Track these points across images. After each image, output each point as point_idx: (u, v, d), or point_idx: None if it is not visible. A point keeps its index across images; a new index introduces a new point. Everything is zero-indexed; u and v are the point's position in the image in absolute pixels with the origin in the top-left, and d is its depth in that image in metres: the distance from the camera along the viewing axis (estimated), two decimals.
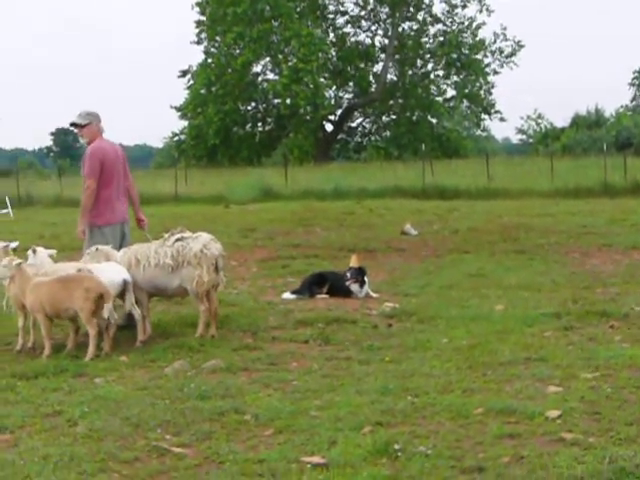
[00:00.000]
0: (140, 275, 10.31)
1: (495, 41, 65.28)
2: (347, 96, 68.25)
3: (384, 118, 68.29)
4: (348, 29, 67.02)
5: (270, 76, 64.21)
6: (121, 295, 10.11)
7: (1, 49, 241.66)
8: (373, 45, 66.41)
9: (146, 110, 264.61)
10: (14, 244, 10.84)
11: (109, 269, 10.09)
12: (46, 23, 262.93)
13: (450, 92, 66.96)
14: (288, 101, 59.62)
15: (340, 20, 67.03)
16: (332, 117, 66.23)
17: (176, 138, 67.36)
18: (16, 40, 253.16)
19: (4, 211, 33.50)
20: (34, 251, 10.53)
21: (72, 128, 11.62)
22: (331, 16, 66.79)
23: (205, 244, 10.34)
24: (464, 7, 65.13)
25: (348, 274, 13.15)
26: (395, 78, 66.21)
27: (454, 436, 6.43)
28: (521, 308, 11.39)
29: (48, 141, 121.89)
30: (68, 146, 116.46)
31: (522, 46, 65.43)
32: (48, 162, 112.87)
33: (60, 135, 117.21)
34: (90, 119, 11.26)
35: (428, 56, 65.77)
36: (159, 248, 10.44)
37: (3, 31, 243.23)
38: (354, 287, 13.06)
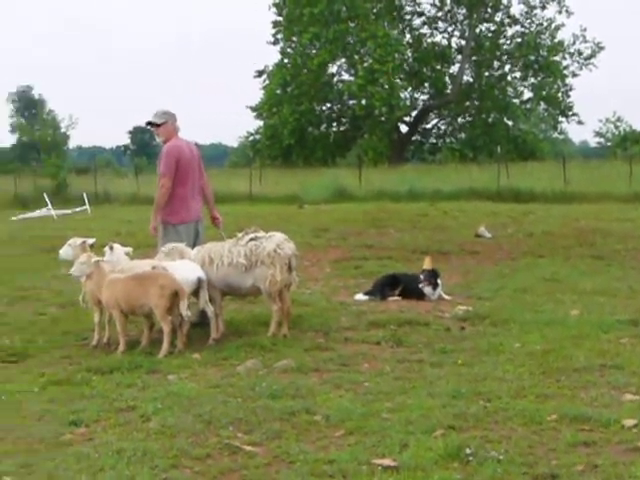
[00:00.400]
0: (214, 274, 10.37)
1: (574, 43, 64.43)
2: (422, 97, 67.98)
3: (459, 120, 67.84)
4: (425, 30, 66.73)
5: (345, 77, 64.22)
6: (195, 293, 10.19)
7: (86, 53, 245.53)
8: (449, 46, 65.99)
9: (222, 109, 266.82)
10: (91, 240, 10.99)
11: (184, 267, 10.17)
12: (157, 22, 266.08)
13: (527, 94, 66.28)
14: (363, 102, 59.53)
15: (417, 21, 66.78)
16: (407, 118, 65.96)
17: (251, 138, 67.69)
18: (112, 42, 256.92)
19: (82, 208, 33.98)
20: (111, 248, 10.67)
21: (148, 127, 11.74)
22: (408, 17, 66.51)
23: (279, 244, 10.36)
24: (543, 8, 64.41)
25: (421, 276, 13.10)
26: (471, 79, 65.72)
27: (527, 442, 6.36)
28: (597, 314, 11.23)
29: (125, 139, 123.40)
30: (145, 144, 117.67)
31: (602, 48, 64.50)
32: (125, 160, 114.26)
33: (137, 133, 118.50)
34: (166, 118, 11.37)
35: (505, 57, 65.15)
36: (233, 247, 10.49)
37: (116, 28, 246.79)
38: (427, 289, 13.00)
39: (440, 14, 65.95)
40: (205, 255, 10.53)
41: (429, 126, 69.27)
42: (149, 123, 11.52)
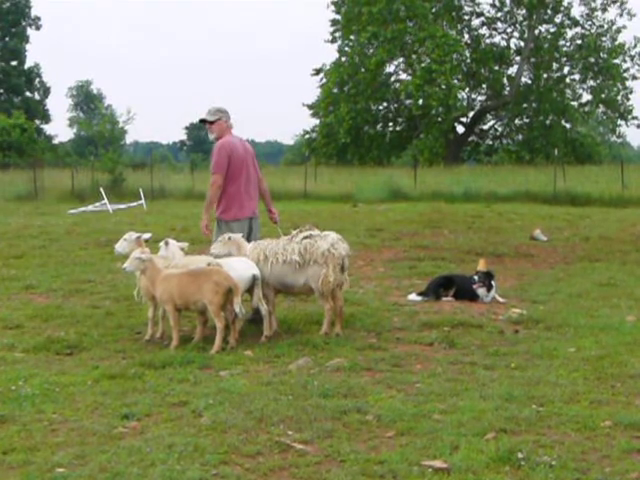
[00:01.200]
0: (268, 271, 10.39)
1: (635, 45, 63.73)
2: (480, 98, 67.58)
3: (517, 121, 67.33)
4: (483, 31, 66.33)
5: (403, 76, 64.07)
6: (249, 290, 10.22)
7: (146, 46, 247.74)
8: (508, 47, 65.51)
9: (278, 107, 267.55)
10: (147, 235, 11.08)
11: (239, 264, 10.20)
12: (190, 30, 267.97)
13: (586, 97, 65.66)
14: (420, 102, 59.34)
15: (475, 21, 66.40)
16: (464, 119, 65.68)
17: (307, 136, 67.78)
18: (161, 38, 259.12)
19: (138, 203, 34.25)
20: (166, 243, 10.74)
21: (202, 124, 11.79)
22: (466, 17, 66.15)
23: (333, 243, 10.36)
24: (604, 10, 63.76)
25: (476, 277, 13.04)
26: (529, 81, 65.21)
27: (580, 448, 6.30)
28: None
29: (182, 135, 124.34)
30: (201, 140, 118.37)
31: None
32: (181, 156, 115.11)
33: (194, 129, 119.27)
34: (219, 115, 11.41)
35: (564, 59, 64.57)
36: (287, 244, 10.50)
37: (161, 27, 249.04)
38: (481, 291, 12.93)
39: (499, 15, 65.55)
40: (260, 252, 10.55)
41: (486, 127, 68.87)
42: (202, 120, 11.58)
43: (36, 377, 8.45)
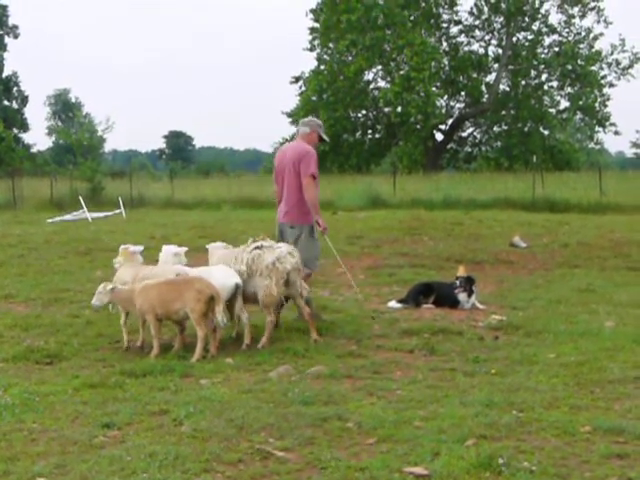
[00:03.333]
0: None
1: (612, 52, 64.08)
2: (458, 105, 67.75)
3: (495, 128, 67.54)
4: (461, 38, 66.51)
5: (381, 84, 64.12)
6: (230, 299, 10.24)
7: (123, 52, 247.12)
8: (486, 55, 65.70)
9: (257, 115, 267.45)
10: (139, 248, 11.15)
11: (220, 273, 10.22)
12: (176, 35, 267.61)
13: (564, 104, 65.90)
14: (399, 109, 59.40)
15: (454, 29, 66.57)
16: (443, 126, 65.81)
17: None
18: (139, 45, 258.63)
19: (117, 211, 34.15)
20: (141, 252, 10.88)
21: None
22: (445, 25, 66.33)
23: (279, 257, 10.38)
24: (582, 17, 64.09)
25: (457, 282, 13.08)
26: (508, 88, 65.43)
27: (560, 453, 6.33)
28: (632, 326, 11.17)
29: (161, 143, 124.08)
30: (180, 149, 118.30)
31: None
32: (160, 164, 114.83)
33: (173, 138, 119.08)
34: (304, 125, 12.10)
35: (542, 67, 64.80)
36: (239, 254, 10.60)
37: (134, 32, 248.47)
38: (462, 296, 12.98)
39: (477, 22, 65.78)
40: (219, 260, 10.77)
41: (464, 134, 69.07)
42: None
43: (16, 387, 8.42)
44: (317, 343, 10.29)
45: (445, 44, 66.10)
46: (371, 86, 64.41)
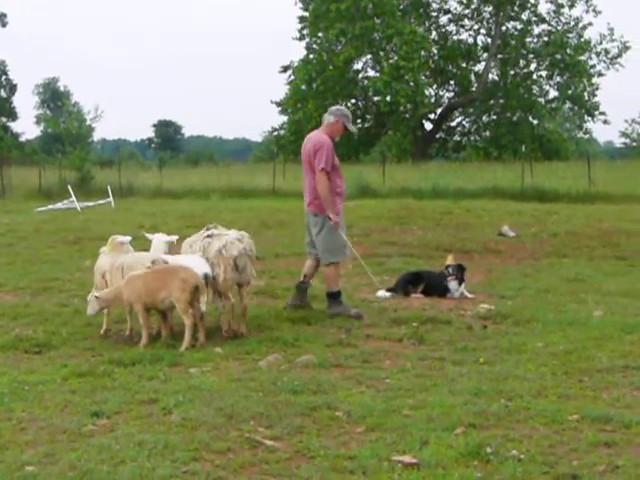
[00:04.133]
0: None
1: (601, 42, 64.11)
2: (448, 95, 67.76)
3: (484, 118, 67.54)
4: (451, 27, 66.43)
5: (371, 73, 64.05)
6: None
7: (116, 42, 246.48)
8: (475, 44, 65.69)
9: (246, 104, 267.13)
10: (127, 238, 11.15)
11: (191, 262, 10.23)
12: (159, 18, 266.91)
13: (552, 93, 65.88)
14: (388, 98, 59.32)
15: (443, 18, 66.52)
16: (432, 116, 65.78)
17: (275, 133, 67.71)
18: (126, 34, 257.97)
19: (105, 200, 34.08)
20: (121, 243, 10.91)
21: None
22: (434, 14, 66.27)
23: (225, 244, 10.34)
24: (571, 7, 64.05)
25: (450, 270, 13.09)
26: (497, 78, 65.42)
27: (548, 442, 6.35)
28: (620, 315, 11.20)
29: (150, 132, 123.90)
30: (169, 138, 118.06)
31: (628, 47, 64.13)
32: (149, 153, 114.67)
33: (162, 127, 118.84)
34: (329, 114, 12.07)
35: (531, 56, 64.79)
36: (194, 242, 10.66)
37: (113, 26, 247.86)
38: (453, 284, 13.01)
39: (467, 12, 65.76)
40: (182, 247, 10.82)
41: (454, 124, 69.09)
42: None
43: (5, 376, 8.42)
44: (242, 337, 10.20)
45: (434, 33, 66.08)
46: (360, 75, 64.37)
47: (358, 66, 63.90)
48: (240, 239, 10.46)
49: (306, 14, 63.60)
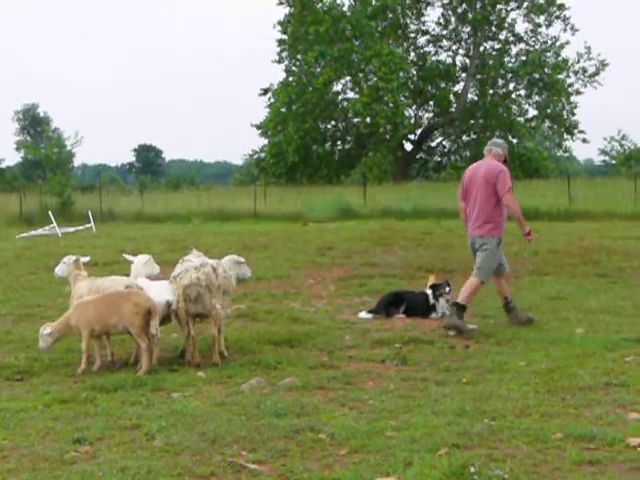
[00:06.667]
0: None
1: (579, 60, 64.50)
2: (427, 115, 67.96)
3: (464, 138, 67.82)
4: (429, 48, 66.78)
5: (350, 95, 64.17)
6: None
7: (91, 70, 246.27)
8: (454, 64, 66.00)
9: (226, 127, 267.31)
10: (86, 259, 11.24)
11: (155, 289, 10.21)
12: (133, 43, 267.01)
13: (532, 112, 66.25)
14: (368, 120, 59.45)
15: (421, 39, 66.83)
16: (412, 136, 65.97)
17: (256, 156, 67.74)
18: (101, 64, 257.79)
19: (87, 226, 33.99)
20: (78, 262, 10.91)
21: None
22: (412, 35, 66.58)
23: (180, 272, 10.21)
24: (548, 26, 64.50)
25: (447, 288, 13.20)
26: (476, 98, 65.73)
27: (532, 461, 6.36)
28: (602, 332, 11.24)
29: (131, 157, 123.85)
30: (150, 162, 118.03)
31: (606, 65, 64.54)
32: (130, 178, 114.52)
33: (142, 151, 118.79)
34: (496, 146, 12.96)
35: (510, 76, 65.16)
36: (177, 265, 10.54)
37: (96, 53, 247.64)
38: (442, 301, 13.08)
39: (445, 32, 66.09)
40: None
41: (434, 144, 69.32)
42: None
43: None
44: (215, 365, 9.96)
45: (413, 54, 66.34)
46: (340, 97, 64.47)
47: (337, 88, 64.07)
48: (198, 268, 10.10)
49: (285, 37, 63.78)
